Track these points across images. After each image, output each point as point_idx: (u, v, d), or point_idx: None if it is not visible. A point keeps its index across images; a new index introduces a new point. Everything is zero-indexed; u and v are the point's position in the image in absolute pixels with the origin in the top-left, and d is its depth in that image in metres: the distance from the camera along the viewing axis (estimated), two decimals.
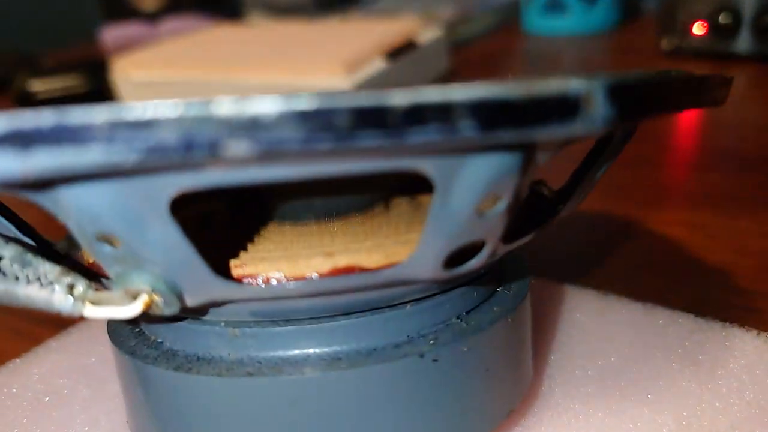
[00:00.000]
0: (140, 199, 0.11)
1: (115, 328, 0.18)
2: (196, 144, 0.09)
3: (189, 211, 0.19)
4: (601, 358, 0.23)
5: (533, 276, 0.20)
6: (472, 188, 0.12)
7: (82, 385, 0.22)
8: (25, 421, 0.21)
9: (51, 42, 0.89)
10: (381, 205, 0.18)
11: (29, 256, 0.14)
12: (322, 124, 0.09)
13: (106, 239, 0.12)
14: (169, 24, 0.82)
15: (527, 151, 0.12)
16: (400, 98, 0.09)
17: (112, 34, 0.84)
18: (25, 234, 0.16)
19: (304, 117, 0.09)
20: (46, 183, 0.10)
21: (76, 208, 0.11)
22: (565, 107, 0.10)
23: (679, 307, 0.24)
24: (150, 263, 0.12)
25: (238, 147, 0.09)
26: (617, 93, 0.10)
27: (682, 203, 0.34)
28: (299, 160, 0.10)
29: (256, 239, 0.16)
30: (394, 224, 0.17)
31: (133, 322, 0.19)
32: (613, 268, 0.28)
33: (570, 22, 0.68)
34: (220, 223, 0.18)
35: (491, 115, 0.09)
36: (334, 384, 0.15)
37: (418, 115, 0.09)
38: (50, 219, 0.13)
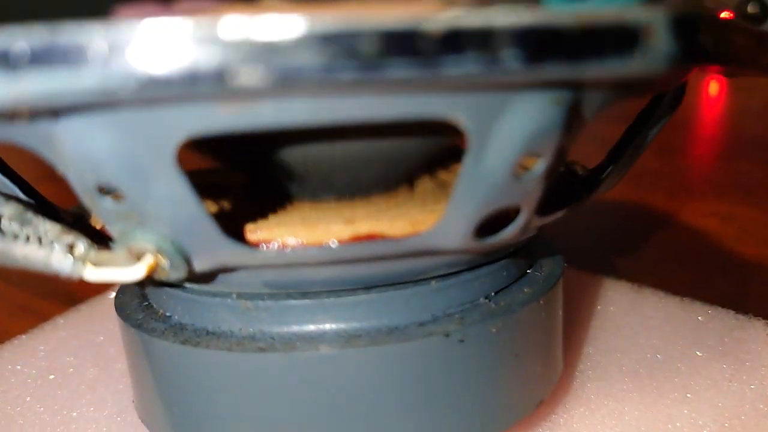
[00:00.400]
0: (143, 144, 0.10)
1: (122, 301, 0.17)
2: (201, 70, 0.08)
3: (207, 185, 0.18)
4: (636, 353, 0.21)
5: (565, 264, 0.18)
6: (510, 143, 0.11)
7: (89, 363, 0.21)
8: (28, 399, 0.20)
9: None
10: (405, 185, 0.17)
11: (29, 214, 0.13)
12: (346, 49, 0.08)
13: (108, 191, 0.11)
14: (185, 4, 0.82)
15: (574, 99, 0.10)
16: (435, 22, 0.08)
17: (126, 14, 0.84)
18: (26, 194, 0.15)
19: (325, 41, 0.08)
20: (38, 113, 0.09)
21: (74, 152, 0.10)
22: (623, 39, 0.08)
23: (714, 302, 0.23)
24: (155, 220, 0.11)
25: (250, 75, 0.08)
26: (684, 27, 0.09)
27: (712, 193, 0.33)
28: (319, 94, 0.09)
29: (275, 211, 0.15)
30: (419, 200, 0.16)
31: (141, 295, 0.18)
32: (644, 261, 0.27)
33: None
34: (237, 198, 0.17)
35: (538, 45, 0.08)
36: (352, 362, 0.14)
37: (455, 41, 0.08)
38: (64, 192, 0.12)
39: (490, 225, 0.13)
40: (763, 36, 0.13)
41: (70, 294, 0.25)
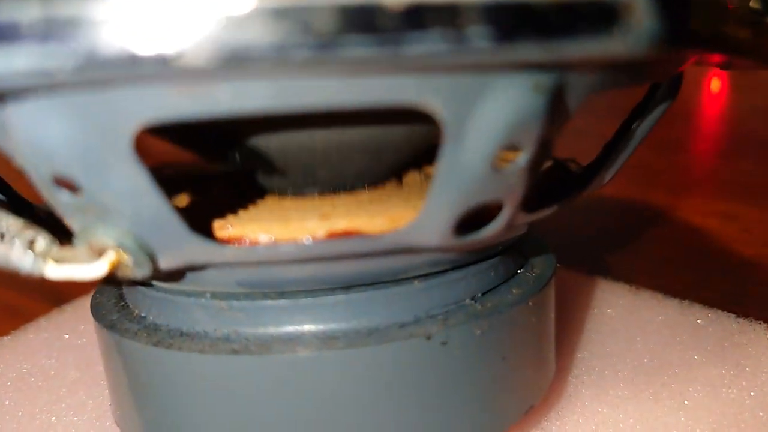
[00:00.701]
0: (96, 132, 0.09)
1: (99, 301, 0.17)
2: (142, 49, 0.07)
3: (182, 178, 0.18)
4: (633, 358, 0.20)
5: (559, 264, 0.18)
6: (488, 133, 0.10)
7: (71, 366, 0.21)
8: (7, 402, 0.19)
9: None
10: (392, 180, 0.16)
11: None
12: (300, 25, 0.07)
13: (64, 183, 0.10)
14: None
15: (556, 85, 0.10)
16: None
17: None
18: None
19: (277, 16, 0.07)
20: None
21: (26, 140, 0.10)
22: (601, 15, 0.08)
23: (714, 304, 0.22)
24: (115, 214, 0.11)
25: (196, 55, 0.07)
26: (671, 5, 0.08)
27: (713, 192, 0.32)
28: (275, 76, 0.08)
29: (250, 207, 0.14)
30: (405, 195, 0.15)
31: (119, 295, 0.17)
32: (642, 260, 0.26)
33: None
34: (214, 192, 0.17)
35: (509, 22, 0.08)
36: (330, 365, 0.13)
37: (417, 17, 0.07)
38: None
39: (472, 222, 0.12)
40: (764, 25, 0.12)
41: (57, 293, 0.24)
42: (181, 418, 0.14)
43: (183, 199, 0.14)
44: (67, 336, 0.22)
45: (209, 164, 0.18)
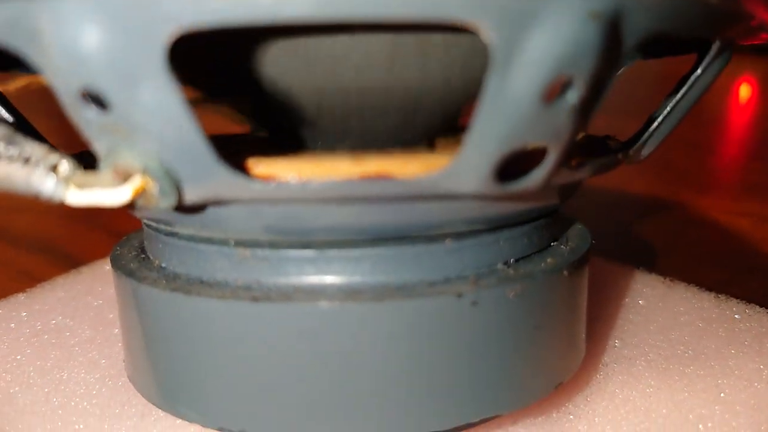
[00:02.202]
0: (132, 36, 0.09)
1: (119, 253, 0.16)
2: None
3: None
4: (666, 349, 0.20)
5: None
6: (540, 60, 0.09)
7: (86, 326, 0.20)
8: (19, 357, 0.19)
9: None
10: (424, 143, 0.16)
11: (18, 136, 0.12)
12: None
13: (93, 97, 0.10)
14: None
15: (614, 14, 0.09)
16: None
17: None
18: (20, 123, 0.14)
19: None
20: None
21: (57, 45, 0.09)
22: None
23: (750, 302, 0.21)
24: (142, 134, 0.10)
25: None
26: None
27: (743, 193, 0.31)
28: None
29: (281, 151, 0.14)
30: (438, 153, 0.14)
31: (139, 248, 0.17)
32: (673, 258, 0.26)
33: None
34: (248, 145, 0.16)
35: None
36: (353, 318, 0.13)
37: None
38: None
39: (513, 170, 0.11)
40: None
41: (74, 259, 0.24)
42: (196, 368, 0.14)
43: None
44: (82, 296, 0.22)
45: (241, 121, 0.17)
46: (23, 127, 0.15)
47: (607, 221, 0.27)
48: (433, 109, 0.15)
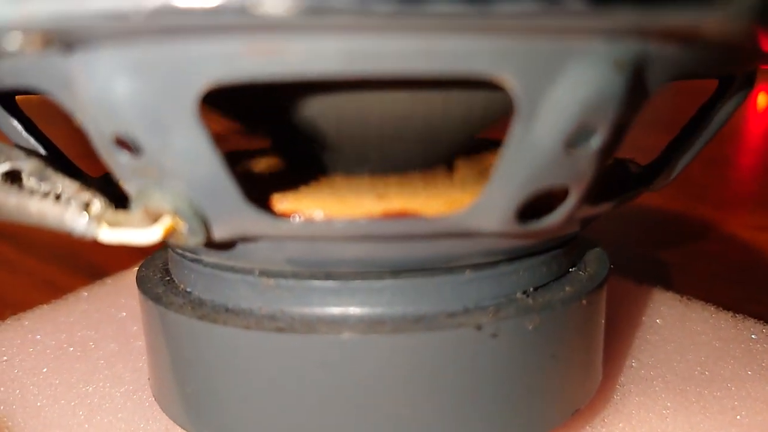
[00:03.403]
0: (162, 89, 0.09)
1: (145, 275, 0.17)
2: None
3: (238, 154, 0.18)
4: (683, 369, 0.20)
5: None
6: (564, 110, 0.10)
7: (110, 339, 0.21)
8: (45, 370, 0.20)
9: None
10: (443, 167, 0.16)
11: (49, 170, 0.12)
12: None
13: (125, 143, 0.10)
14: None
15: (638, 63, 0.09)
16: None
17: None
18: (48, 150, 0.14)
19: None
20: (50, 43, 0.09)
21: (90, 94, 0.10)
22: None
23: (765, 319, 0.21)
24: (173, 178, 0.11)
25: (275, 2, 0.07)
26: None
27: (762, 207, 0.31)
28: (352, 31, 0.08)
29: (304, 183, 0.14)
30: (458, 183, 0.15)
31: (164, 270, 0.17)
32: (690, 274, 0.25)
33: None
34: (269, 167, 0.16)
35: None
36: (374, 349, 0.13)
37: None
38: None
39: (534, 209, 0.12)
40: None
41: (97, 269, 0.24)
42: (220, 393, 0.14)
43: (237, 170, 0.14)
44: (107, 309, 0.22)
45: (261, 139, 0.17)
46: (52, 153, 0.15)
47: (622, 236, 0.27)
48: (454, 138, 0.15)
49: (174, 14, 0.07)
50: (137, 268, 0.17)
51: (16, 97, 0.15)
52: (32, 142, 0.14)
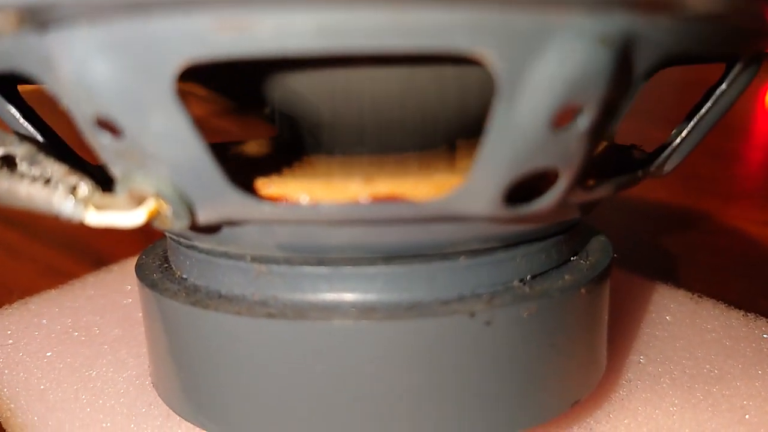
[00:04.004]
0: (138, 69, 0.09)
1: (144, 262, 0.17)
2: None
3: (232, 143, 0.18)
4: (691, 366, 0.19)
5: (615, 265, 0.17)
6: (548, 87, 0.09)
7: (114, 324, 0.21)
8: (49, 354, 0.20)
9: None
10: (444, 148, 0.16)
11: (41, 155, 0.12)
12: None
13: (106, 125, 0.10)
14: None
15: (625, 40, 0.09)
16: None
17: None
18: (46, 137, 0.15)
19: None
20: (25, 21, 0.09)
21: (70, 75, 0.10)
22: None
23: None
24: (155, 161, 0.11)
25: None
26: None
27: None
28: (321, 7, 0.08)
29: (295, 165, 0.14)
30: (454, 162, 0.14)
31: (163, 257, 0.17)
32: (697, 268, 0.25)
33: None
34: (259, 150, 0.16)
35: None
36: (366, 336, 0.13)
37: None
38: None
39: (525, 191, 0.11)
40: None
41: (102, 257, 0.25)
42: (214, 380, 0.14)
43: (228, 156, 0.14)
44: (112, 295, 0.23)
45: (258, 122, 0.17)
46: (50, 141, 0.15)
47: (629, 231, 0.26)
48: (450, 118, 0.15)
49: None
50: None
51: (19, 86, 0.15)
52: (30, 129, 0.14)
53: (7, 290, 0.23)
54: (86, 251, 0.26)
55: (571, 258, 0.16)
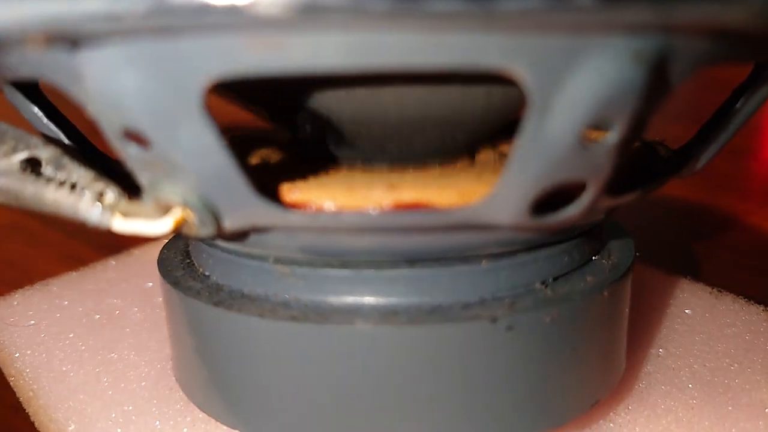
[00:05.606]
0: (166, 84, 0.09)
1: (166, 256, 0.17)
2: None
3: (253, 140, 0.18)
4: (711, 360, 0.19)
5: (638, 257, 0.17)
6: (579, 105, 0.09)
7: (136, 307, 0.21)
8: (71, 335, 0.20)
9: None
10: (464, 156, 0.16)
11: (66, 159, 0.12)
12: None
13: (133, 136, 0.10)
14: None
15: (659, 56, 0.09)
16: None
17: None
18: (69, 137, 0.15)
19: None
20: (53, 41, 0.09)
21: (98, 89, 0.10)
22: None
23: None
24: (181, 171, 0.11)
25: (269, 2, 0.07)
26: None
27: None
28: (351, 29, 0.08)
29: (318, 174, 0.14)
30: (477, 172, 0.14)
31: (185, 252, 0.17)
32: (716, 264, 0.25)
33: None
34: (283, 156, 0.16)
35: None
36: (387, 340, 0.13)
37: None
38: None
39: (551, 201, 0.11)
40: None
41: (121, 245, 0.25)
42: (235, 378, 0.14)
43: (252, 161, 0.14)
44: (133, 278, 0.23)
45: (280, 130, 0.17)
46: (75, 140, 0.15)
47: (647, 226, 0.26)
48: (474, 127, 0.14)
49: (166, 13, 0.07)
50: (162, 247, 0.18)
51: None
52: (53, 129, 0.14)
53: (24, 277, 0.23)
54: (105, 240, 0.26)
55: (593, 258, 0.16)
